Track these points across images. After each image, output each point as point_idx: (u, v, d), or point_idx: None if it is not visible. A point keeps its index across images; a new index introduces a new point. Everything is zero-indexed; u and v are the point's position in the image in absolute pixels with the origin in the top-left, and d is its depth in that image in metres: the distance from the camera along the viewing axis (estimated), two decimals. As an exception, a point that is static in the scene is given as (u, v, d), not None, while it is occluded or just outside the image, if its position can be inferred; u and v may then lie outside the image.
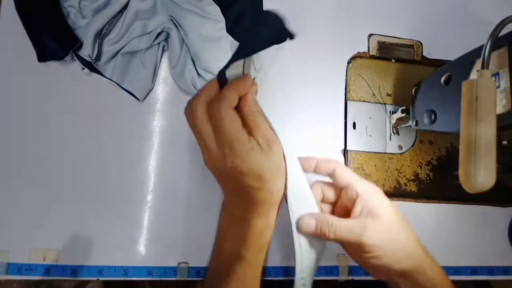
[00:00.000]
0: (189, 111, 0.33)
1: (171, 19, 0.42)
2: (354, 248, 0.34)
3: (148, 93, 0.44)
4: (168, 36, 0.43)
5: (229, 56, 0.39)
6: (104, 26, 0.41)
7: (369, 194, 0.35)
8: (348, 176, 0.36)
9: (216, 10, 0.42)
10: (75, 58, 0.41)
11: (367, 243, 0.32)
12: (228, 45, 0.44)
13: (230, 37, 0.44)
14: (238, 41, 0.44)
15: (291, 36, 0.35)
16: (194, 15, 0.41)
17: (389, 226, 0.34)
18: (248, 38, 0.42)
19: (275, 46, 0.44)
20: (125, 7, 0.42)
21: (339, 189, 0.37)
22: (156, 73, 0.44)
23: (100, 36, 0.41)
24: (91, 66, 0.42)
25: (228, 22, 0.43)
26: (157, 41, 0.43)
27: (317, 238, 0.35)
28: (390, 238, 0.33)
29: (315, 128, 0.47)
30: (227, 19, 0.43)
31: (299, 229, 0.34)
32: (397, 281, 0.36)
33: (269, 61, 0.45)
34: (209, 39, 0.42)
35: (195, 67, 0.43)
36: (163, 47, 0.44)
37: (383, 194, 0.35)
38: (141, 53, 0.43)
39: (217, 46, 0.42)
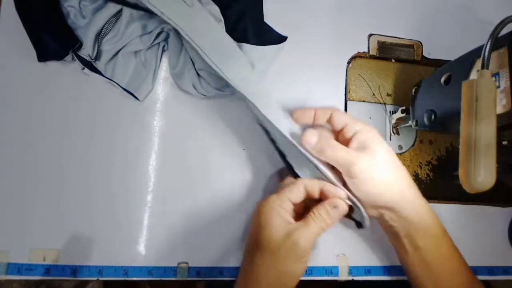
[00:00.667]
0: None
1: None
2: (344, 174, 0.37)
3: (148, 93, 0.44)
4: (168, 36, 0.43)
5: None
6: (104, 26, 0.41)
7: (365, 131, 0.38)
8: (345, 118, 0.38)
9: (215, 10, 0.42)
10: (75, 58, 0.41)
11: (357, 171, 0.35)
12: None
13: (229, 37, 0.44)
14: (237, 42, 0.44)
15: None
16: None
17: (379, 160, 0.36)
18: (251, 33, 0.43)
19: (275, 46, 0.45)
20: (124, 6, 0.41)
21: (336, 133, 0.40)
22: (156, 73, 0.44)
23: (100, 35, 0.41)
24: (91, 66, 0.42)
25: (228, 22, 0.43)
26: (157, 41, 0.43)
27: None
28: (377, 170, 0.36)
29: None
30: (227, 19, 0.43)
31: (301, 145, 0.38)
32: (385, 216, 0.38)
33: (269, 59, 0.45)
34: None
35: (195, 68, 0.43)
36: (163, 47, 0.44)
37: (376, 132, 0.38)
38: (141, 53, 0.43)
39: None
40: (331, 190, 0.37)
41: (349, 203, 0.38)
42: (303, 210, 0.40)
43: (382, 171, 0.36)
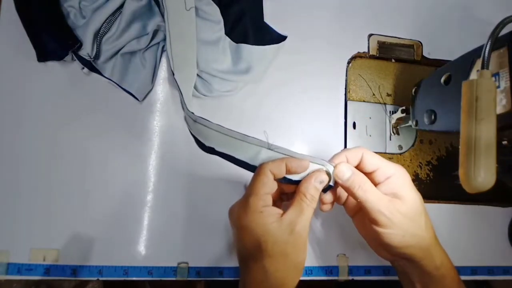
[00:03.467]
0: None
1: None
2: (370, 218, 0.34)
3: (148, 93, 0.44)
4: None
5: (227, 57, 0.39)
6: (102, 25, 0.41)
7: (398, 177, 0.35)
8: (377, 161, 0.36)
9: (214, 10, 0.42)
10: (74, 58, 0.41)
11: (385, 221, 0.33)
12: (227, 46, 0.44)
13: (228, 39, 0.44)
14: (237, 42, 0.44)
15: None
16: None
17: (409, 209, 0.34)
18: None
19: (274, 46, 0.45)
20: (123, 5, 0.41)
21: (366, 174, 0.36)
22: (155, 73, 0.44)
23: (99, 34, 0.41)
24: (90, 66, 0.42)
25: (228, 22, 0.43)
26: (156, 41, 0.43)
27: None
28: (407, 221, 0.34)
29: (315, 128, 0.47)
30: (227, 19, 0.43)
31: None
32: (401, 264, 0.37)
33: (269, 59, 0.45)
34: (206, 41, 0.42)
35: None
36: (163, 47, 0.44)
37: (409, 177, 0.36)
38: (140, 53, 0.43)
39: (214, 48, 0.43)
40: (296, 163, 0.34)
41: (322, 168, 0.35)
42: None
43: (413, 223, 0.34)
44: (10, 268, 0.39)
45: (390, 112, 0.51)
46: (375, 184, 0.35)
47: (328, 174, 0.35)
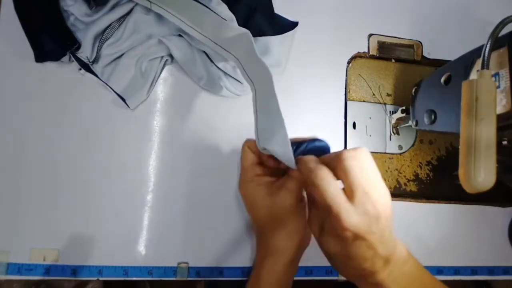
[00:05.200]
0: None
1: (179, 34, 0.42)
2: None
3: (141, 103, 0.43)
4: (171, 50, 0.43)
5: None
6: (106, 30, 0.41)
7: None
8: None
9: (225, 9, 0.42)
10: (72, 59, 0.41)
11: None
12: None
13: None
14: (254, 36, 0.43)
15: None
16: None
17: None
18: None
19: (291, 32, 0.44)
20: (129, 13, 0.42)
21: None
22: (153, 84, 0.44)
23: (101, 39, 0.41)
24: (88, 68, 0.41)
25: (240, 19, 0.43)
26: (160, 54, 0.43)
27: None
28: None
29: (315, 128, 0.47)
30: (237, 16, 0.42)
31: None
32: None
33: (288, 46, 0.46)
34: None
35: (216, 65, 0.43)
36: (166, 61, 0.44)
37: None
38: (142, 63, 0.42)
39: None
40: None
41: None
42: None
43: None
44: (10, 268, 0.39)
45: (390, 112, 0.51)
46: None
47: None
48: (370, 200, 0.30)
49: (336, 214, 0.29)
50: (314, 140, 0.36)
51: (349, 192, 0.30)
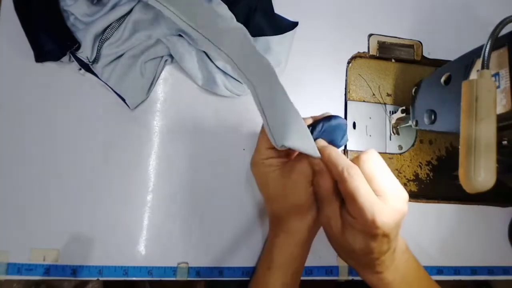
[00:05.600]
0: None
1: (179, 34, 0.42)
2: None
3: (141, 103, 0.43)
4: (171, 49, 0.43)
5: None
6: (106, 30, 0.41)
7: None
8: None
9: (225, 9, 0.42)
10: (72, 59, 0.41)
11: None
12: None
13: None
14: (254, 36, 0.43)
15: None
16: None
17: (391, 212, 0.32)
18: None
19: (291, 32, 0.44)
20: (129, 13, 0.41)
21: None
22: (153, 84, 0.44)
23: (101, 39, 0.41)
24: (88, 68, 0.42)
25: (240, 19, 0.43)
26: (160, 54, 0.43)
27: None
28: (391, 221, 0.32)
29: (315, 128, 0.47)
30: (237, 16, 0.42)
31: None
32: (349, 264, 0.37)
33: (288, 46, 0.46)
34: None
35: (215, 65, 0.43)
36: (165, 61, 0.44)
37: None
38: (142, 63, 0.42)
39: None
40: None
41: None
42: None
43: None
44: (10, 268, 0.39)
45: (390, 112, 0.51)
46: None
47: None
48: (398, 199, 0.32)
49: (369, 213, 0.30)
50: (330, 118, 0.35)
51: (377, 192, 0.32)
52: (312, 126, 0.35)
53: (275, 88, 0.34)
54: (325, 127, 0.35)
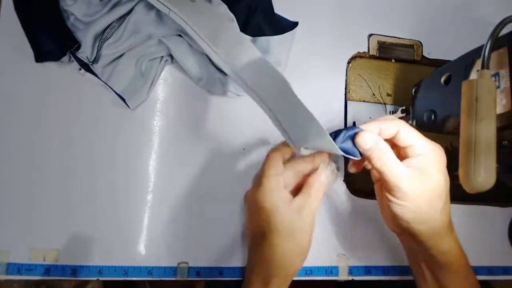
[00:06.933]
0: None
1: (179, 34, 0.42)
2: (386, 188, 0.34)
3: (141, 103, 0.43)
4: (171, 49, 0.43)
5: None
6: (106, 30, 0.41)
7: (429, 156, 0.34)
8: (413, 138, 0.34)
9: (225, 9, 0.42)
10: (72, 59, 0.41)
11: (402, 191, 0.32)
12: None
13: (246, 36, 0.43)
14: (253, 36, 0.43)
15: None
16: None
17: (428, 188, 0.33)
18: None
19: (291, 32, 0.44)
20: (129, 13, 0.41)
21: (398, 148, 0.36)
22: (153, 84, 0.44)
23: (101, 39, 0.41)
24: (88, 68, 0.41)
25: (240, 19, 0.43)
26: (160, 54, 0.43)
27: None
28: (422, 199, 0.33)
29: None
30: (236, 16, 0.42)
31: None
32: (407, 239, 0.37)
33: (287, 47, 0.46)
34: None
35: (215, 66, 0.42)
36: (165, 61, 0.44)
37: (443, 160, 0.35)
38: (142, 63, 0.42)
39: None
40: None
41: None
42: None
43: (428, 202, 0.33)
44: (10, 268, 0.39)
45: (390, 112, 0.51)
46: (405, 157, 0.34)
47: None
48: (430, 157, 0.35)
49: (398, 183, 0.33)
50: (353, 128, 0.34)
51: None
52: (335, 133, 0.35)
53: (284, 90, 0.35)
54: (349, 133, 0.34)
